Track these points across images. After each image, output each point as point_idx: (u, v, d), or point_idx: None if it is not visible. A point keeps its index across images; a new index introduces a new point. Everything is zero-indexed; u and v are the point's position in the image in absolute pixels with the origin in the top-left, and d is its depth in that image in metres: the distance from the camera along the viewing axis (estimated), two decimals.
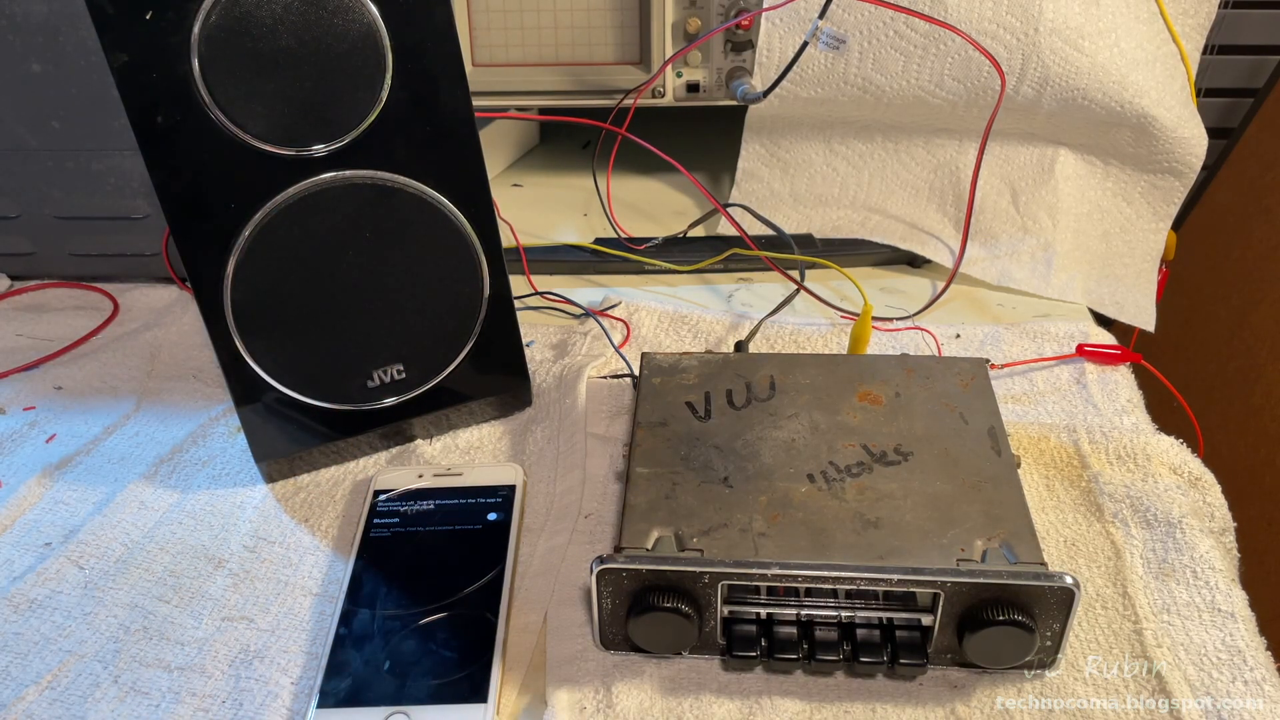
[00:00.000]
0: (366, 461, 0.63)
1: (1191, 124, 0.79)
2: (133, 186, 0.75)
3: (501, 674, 0.49)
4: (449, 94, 0.56)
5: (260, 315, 0.56)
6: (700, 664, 0.50)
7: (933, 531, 0.48)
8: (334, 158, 0.55)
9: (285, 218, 0.55)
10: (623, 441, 0.62)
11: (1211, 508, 0.57)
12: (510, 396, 0.66)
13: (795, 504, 0.50)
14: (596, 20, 0.82)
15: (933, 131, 0.83)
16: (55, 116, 0.72)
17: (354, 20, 0.52)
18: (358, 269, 0.57)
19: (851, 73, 0.78)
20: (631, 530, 0.49)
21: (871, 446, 0.54)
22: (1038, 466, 0.60)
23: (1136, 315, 0.77)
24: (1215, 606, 0.51)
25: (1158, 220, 0.82)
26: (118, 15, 0.49)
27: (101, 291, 0.80)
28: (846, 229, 0.83)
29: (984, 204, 0.81)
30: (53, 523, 0.59)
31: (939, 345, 0.71)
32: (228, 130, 0.52)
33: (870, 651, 0.48)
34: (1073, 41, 0.75)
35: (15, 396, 0.69)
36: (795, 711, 0.47)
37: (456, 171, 0.58)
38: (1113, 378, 0.67)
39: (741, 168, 0.87)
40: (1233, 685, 0.47)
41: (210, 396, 0.69)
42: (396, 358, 0.60)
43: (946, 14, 0.75)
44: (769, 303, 0.74)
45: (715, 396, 0.58)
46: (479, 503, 0.58)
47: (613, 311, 0.75)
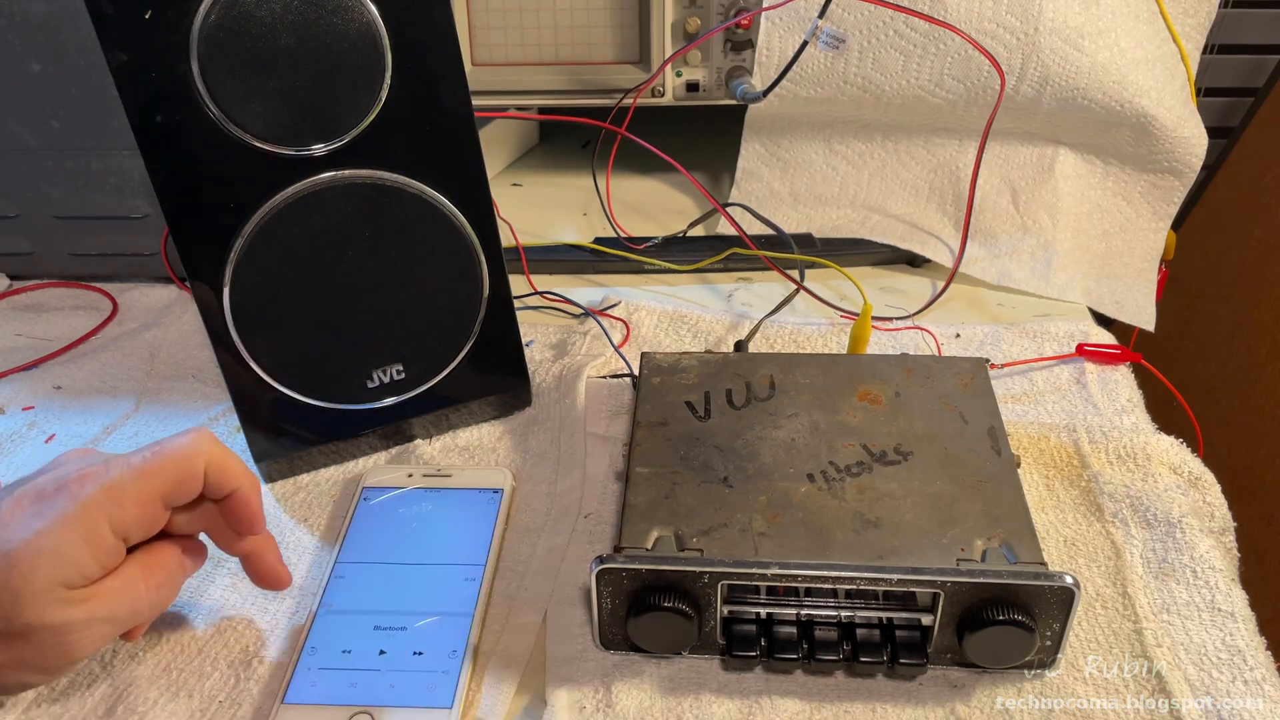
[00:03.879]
0: (366, 461, 0.63)
1: (1191, 123, 0.79)
2: (132, 186, 0.75)
3: (470, 677, 0.49)
4: (448, 93, 0.56)
5: (259, 315, 0.56)
6: (700, 664, 0.50)
7: (932, 531, 0.48)
8: (333, 157, 0.55)
9: (285, 217, 0.55)
10: (623, 441, 0.62)
11: (1211, 507, 0.57)
12: (510, 396, 0.66)
13: (795, 504, 0.50)
14: (596, 20, 0.82)
15: (932, 131, 0.83)
16: (55, 116, 0.72)
17: (354, 20, 0.52)
18: (357, 269, 0.57)
19: (851, 72, 0.78)
20: (631, 530, 0.49)
21: (871, 446, 0.54)
22: (1038, 466, 0.60)
23: (1136, 315, 0.77)
24: (1215, 606, 0.51)
25: (1157, 220, 0.82)
26: (117, 15, 0.49)
27: (101, 291, 0.80)
28: (846, 228, 0.83)
29: (984, 203, 0.81)
30: None
31: (939, 345, 0.71)
32: (227, 130, 0.52)
33: (870, 651, 0.48)
34: (1073, 41, 0.75)
35: (14, 396, 0.69)
36: (795, 711, 0.47)
37: (456, 171, 0.58)
38: (1113, 377, 0.67)
39: (741, 167, 0.86)
40: (1233, 685, 0.47)
41: (210, 396, 0.69)
42: (396, 358, 0.60)
43: (946, 14, 0.75)
44: (769, 302, 0.74)
45: (715, 396, 0.58)
46: (465, 505, 0.58)
47: (612, 311, 0.75)
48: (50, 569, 0.42)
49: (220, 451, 0.47)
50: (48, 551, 0.42)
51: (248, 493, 0.48)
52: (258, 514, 0.49)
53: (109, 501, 0.44)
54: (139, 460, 0.45)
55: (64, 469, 0.46)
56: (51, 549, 0.42)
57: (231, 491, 0.47)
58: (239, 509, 0.48)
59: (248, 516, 0.48)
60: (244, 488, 0.48)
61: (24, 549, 0.42)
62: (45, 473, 0.46)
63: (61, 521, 0.43)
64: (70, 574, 0.43)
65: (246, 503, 0.48)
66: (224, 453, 0.47)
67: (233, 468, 0.47)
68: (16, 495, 0.44)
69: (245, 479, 0.48)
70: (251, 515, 0.48)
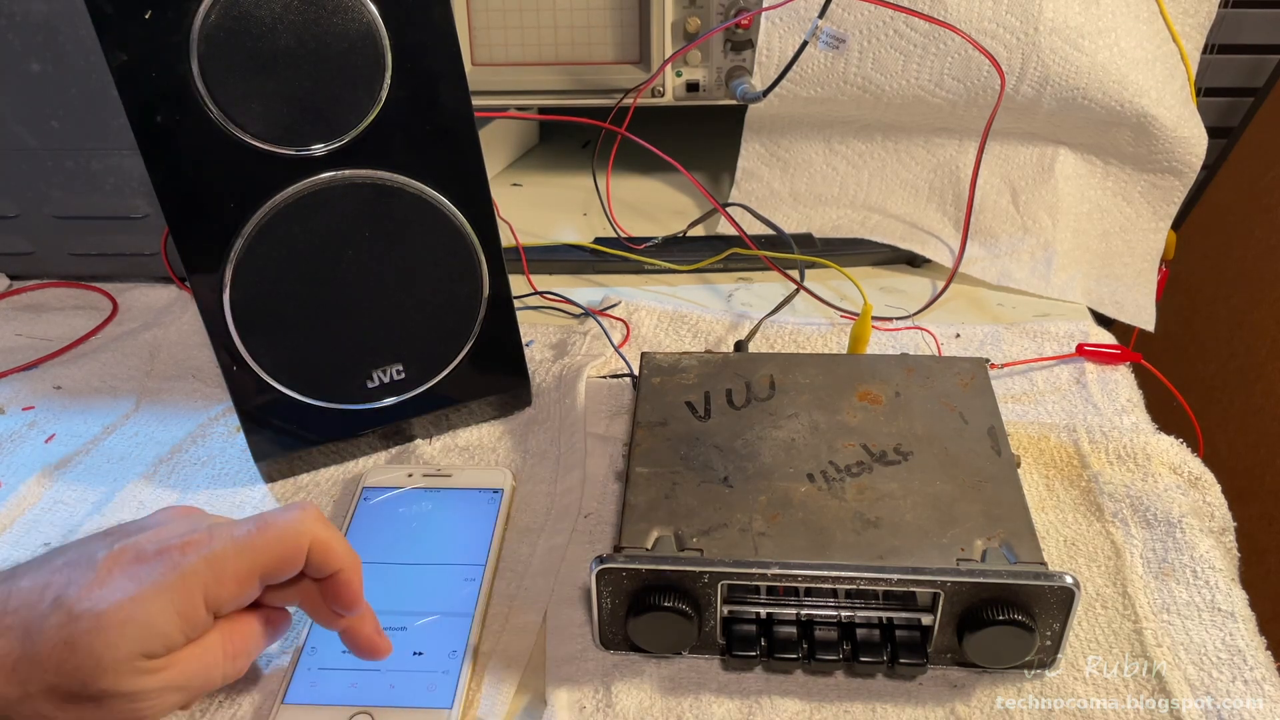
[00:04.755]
0: (366, 461, 0.63)
1: (1191, 123, 0.79)
2: (132, 186, 0.75)
3: (470, 677, 0.49)
4: (448, 93, 0.56)
5: (260, 315, 0.56)
6: (700, 664, 0.50)
7: (933, 531, 0.48)
8: (333, 157, 0.55)
9: (285, 217, 0.55)
10: (623, 441, 0.62)
11: (1211, 507, 0.57)
12: (510, 396, 0.66)
13: (795, 504, 0.50)
14: (596, 20, 0.82)
15: (932, 131, 0.83)
16: (55, 116, 0.72)
17: (353, 20, 0.52)
18: (357, 269, 0.57)
19: (851, 72, 0.78)
20: (631, 530, 0.49)
21: (871, 446, 0.54)
22: (1038, 466, 0.60)
23: (1136, 315, 0.77)
24: (1215, 606, 0.51)
25: (1158, 220, 0.82)
26: (117, 15, 0.49)
27: (101, 291, 0.80)
28: (846, 228, 0.83)
29: (984, 203, 0.81)
30: (52, 522, 0.59)
31: (939, 345, 0.71)
32: (227, 130, 0.52)
33: (870, 651, 0.48)
34: (1073, 41, 0.75)
35: (14, 396, 0.69)
36: (795, 711, 0.47)
37: (456, 171, 0.58)
38: (1113, 377, 0.67)
39: (741, 167, 0.86)
40: (1233, 685, 0.47)
41: (210, 396, 0.69)
42: (396, 358, 0.60)
43: (946, 13, 0.75)
44: (769, 302, 0.74)
45: (715, 396, 0.58)
46: (465, 505, 0.58)
47: (612, 311, 0.75)
48: (137, 639, 0.41)
49: (326, 532, 0.45)
50: (138, 621, 0.40)
51: (349, 574, 0.46)
52: (358, 595, 0.46)
53: (208, 573, 0.42)
54: (243, 534, 0.43)
55: (167, 529, 0.44)
56: (143, 620, 0.41)
57: (334, 573, 0.45)
58: (340, 590, 0.46)
59: (349, 598, 0.46)
60: (346, 569, 0.45)
61: (115, 614, 0.40)
62: (147, 529, 0.44)
63: (158, 589, 0.41)
64: (155, 645, 0.41)
65: (348, 584, 0.46)
66: (330, 533, 0.45)
67: (336, 549, 0.45)
68: (116, 550, 0.42)
69: (348, 559, 0.46)
70: (353, 597, 0.46)
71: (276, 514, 0.45)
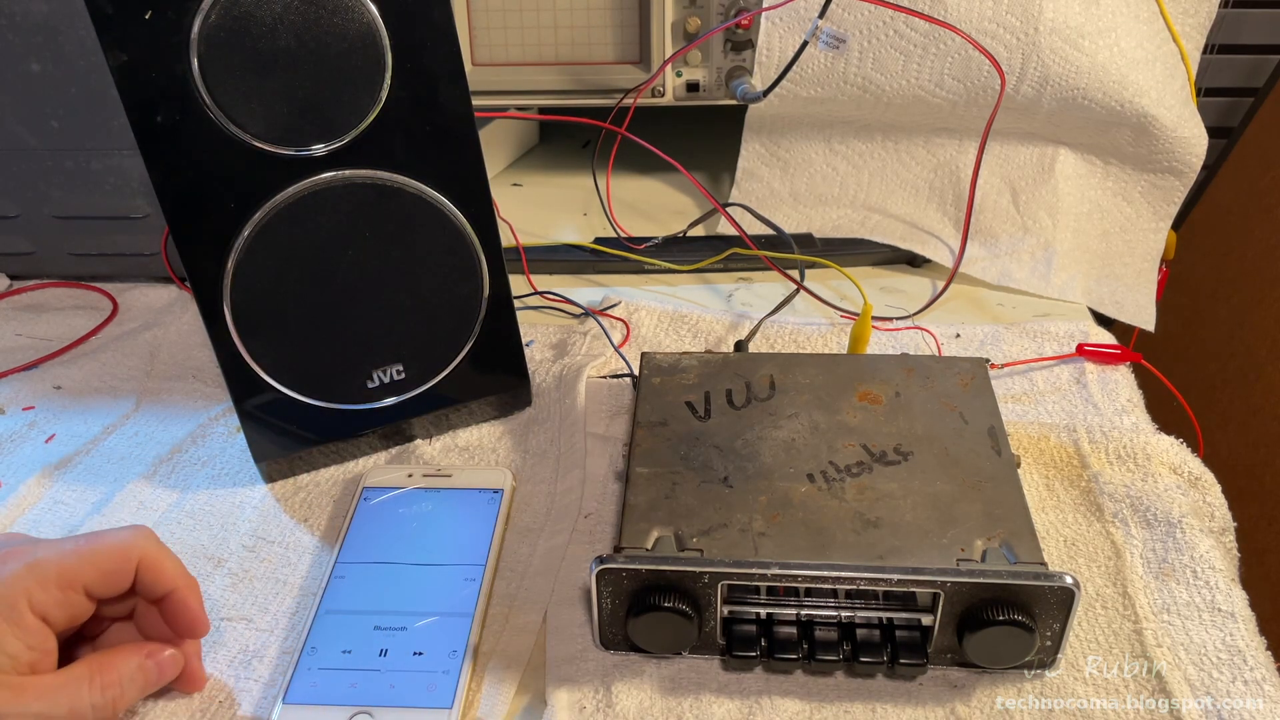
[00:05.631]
0: (366, 461, 0.63)
1: (1191, 123, 0.79)
2: (132, 186, 0.75)
3: (470, 677, 0.49)
4: (448, 93, 0.56)
5: (259, 315, 0.56)
6: (700, 664, 0.50)
7: (933, 531, 0.48)
8: (333, 157, 0.55)
9: (285, 217, 0.55)
10: (623, 441, 0.62)
11: (1211, 507, 0.57)
12: (510, 396, 0.66)
13: (795, 504, 0.50)
14: (596, 20, 0.82)
15: (933, 131, 0.83)
16: (55, 116, 0.72)
17: (353, 20, 0.52)
18: (357, 269, 0.57)
19: (851, 72, 0.78)
20: (631, 530, 0.49)
21: (871, 446, 0.54)
22: (1038, 466, 0.60)
23: (1136, 315, 0.77)
24: (1215, 606, 0.51)
25: (1158, 220, 0.82)
26: (117, 15, 0.49)
27: (101, 291, 0.80)
28: (846, 228, 0.83)
29: (984, 203, 0.81)
30: (52, 522, 0.59)
31: (939, 345, 0.71)
32: (227, 130, 0.52)
33: (870, 651, 0.48)
34: (1073, 41, 0.75)
35: (15, 396, 0.69)
36: (795, 711, 0.47)
37: (456, 171, 0.58)
38: (1113, 377, 0.67)
39: (741, 167, 0.86)
40: (1233, 685, 0.47)
41: (210, 396, 0.69)
42: (396, 358, 0.60)
43: (946, 14, 0.75)
44: (769, 302, 0.74)
45: (715, 396, 0.58)
46: (465, 505, 0.58)
47: (612, 311, 0.75)
48: None
49: (156, 550, 0.46)
50: None
51: (184, 594, 0.47)
52: (198, 617, 0.47)
53: (30, 578, 0.43)
54: (70, 546, 0.45)
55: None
56: None
57: (168, 592, 0.46)
58: (176, 610, 0.47)
59: (187, 620, 0.47)
60: (180, 589, 0.47)
61: None
62: None
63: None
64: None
65: (184, 604, 0.47)
66: (161, 552, 0.46)
67: (168, 568, 0.46)
68: None
69: (182, 580, 0.47)
70: (191, 619, 0.47)
71: (107, 530, 0.47)
